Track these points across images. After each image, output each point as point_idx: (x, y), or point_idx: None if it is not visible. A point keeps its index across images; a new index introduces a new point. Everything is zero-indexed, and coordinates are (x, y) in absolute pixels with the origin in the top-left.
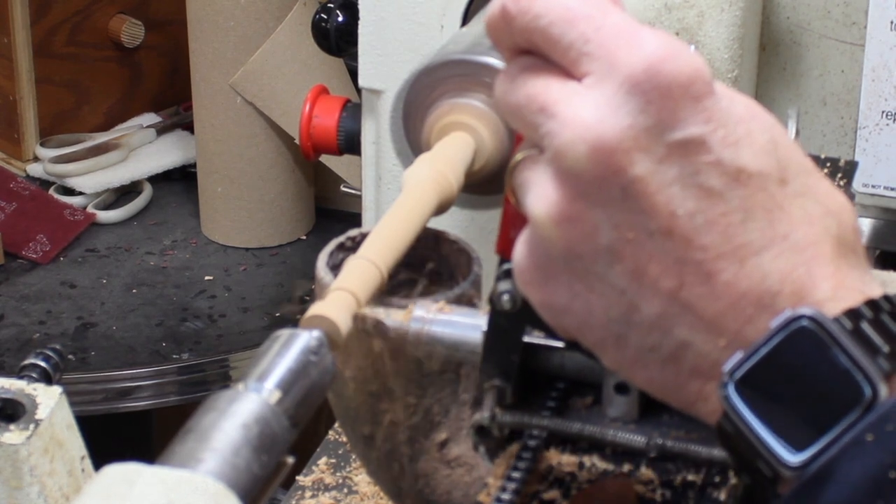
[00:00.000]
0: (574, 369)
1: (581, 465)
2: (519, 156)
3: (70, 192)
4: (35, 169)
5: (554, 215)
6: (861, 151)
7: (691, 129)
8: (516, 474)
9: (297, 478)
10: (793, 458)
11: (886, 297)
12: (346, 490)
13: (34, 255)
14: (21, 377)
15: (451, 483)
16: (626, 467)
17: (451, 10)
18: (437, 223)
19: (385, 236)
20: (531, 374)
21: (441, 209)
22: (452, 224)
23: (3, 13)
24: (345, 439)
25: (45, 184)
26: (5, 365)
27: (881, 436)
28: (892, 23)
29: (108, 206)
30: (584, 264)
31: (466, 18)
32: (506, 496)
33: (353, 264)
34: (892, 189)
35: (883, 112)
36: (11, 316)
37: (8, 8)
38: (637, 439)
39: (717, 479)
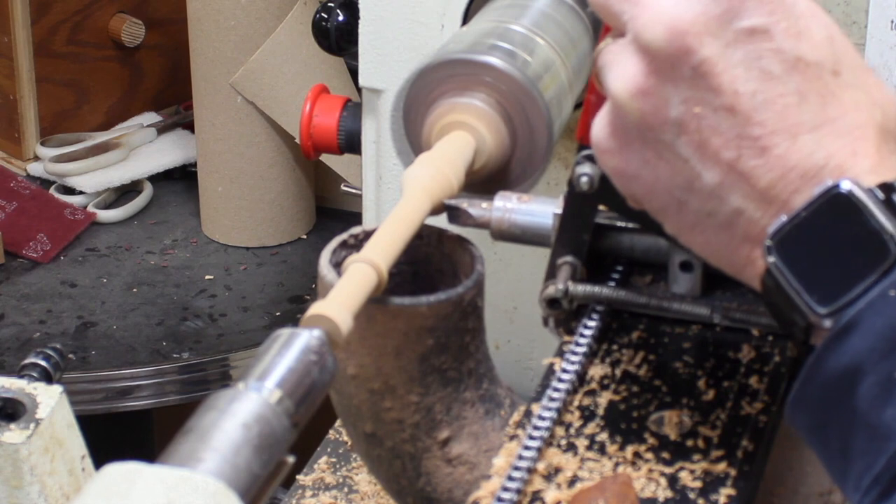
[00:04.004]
0: (641, 249)
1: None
2: (603, 43)
3: (70, 191)
4: (35, 168)
5: (631, 88)
6: None
7: (757, 18)
8: (542, 420)
9: (298, 477)
10: (823, 308)
11: None
12: (346, 489)
13: (34, 255)
14: (21, 376)
15: (452, 481)
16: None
17: (451, 9)
18: (438, 223)
19: (386, 237)
20: (595, 256)
21: (442, 209)
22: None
23: (3, 12)
24: (345, 438)
25: (45, 183)
26: (6, 364)
27: None
28: (892, 22)
29: (108, 206)
30: (654, 134)
31: (466, 18)
32: (506, 496)
33: (353, 266)
34: None
35: None
36: (12, 315)
37: (8, 7)
38: (702, 309)
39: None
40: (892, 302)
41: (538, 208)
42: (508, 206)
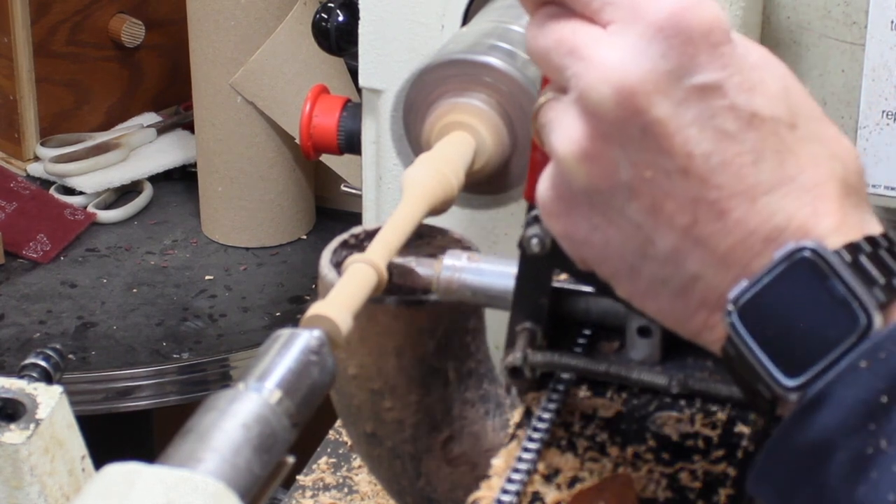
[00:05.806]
0: (598, 313)
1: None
2: (543, 98)
3: (70, 191)
4: (35, 168)
5: (577, 152)
6: (861, 151)
7: (709, 74)
8: (542, 421)
9: (298, 477)
10: (790, 381)
11: (885, 235)
12: (346, 489)
13: (34, 255)
14: (21, 377)
15: (452, 482)
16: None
17: (451, 10)
18: (438, 223)
19: (386, 238)
20: (560, 320)
21: (441, 209)
22: (453, 224)
23: (3, 13)
24: (345, 439)
25: (45, 183)
26: (6, 364)
27: (874, 362)
28: (892, 22)
29: (108, 206)
30: (603, 199)
31: (466, 18)
32: (506, 497)
33: (354, 266)
34: (893, 189)
35: (883, 112)
36: (12, 315)
37: (8, 7)
38: (660, 379)
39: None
40: (864, 374)
41: (489, 268)
42: (458, 266)
